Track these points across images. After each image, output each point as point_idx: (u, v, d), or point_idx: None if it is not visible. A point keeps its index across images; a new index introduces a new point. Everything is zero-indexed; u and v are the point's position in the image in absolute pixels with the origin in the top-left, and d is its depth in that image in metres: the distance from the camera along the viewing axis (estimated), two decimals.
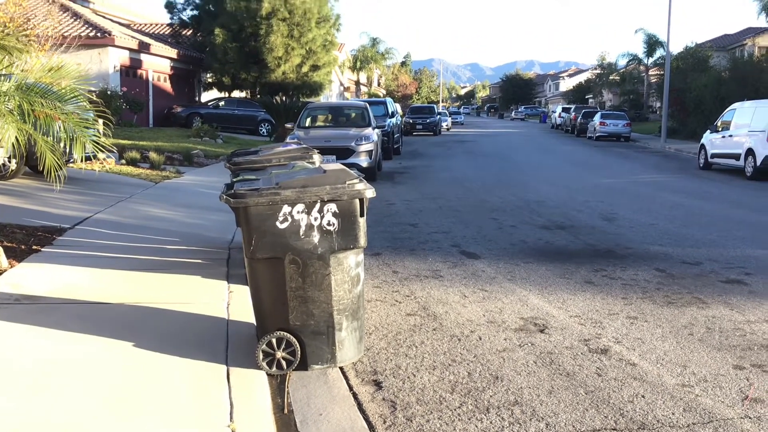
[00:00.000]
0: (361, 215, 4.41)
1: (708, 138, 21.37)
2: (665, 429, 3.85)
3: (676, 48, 45.42)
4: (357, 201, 4.38)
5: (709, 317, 5.91)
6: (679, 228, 10.42)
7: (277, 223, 4.27)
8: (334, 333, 4.43)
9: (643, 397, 4.25)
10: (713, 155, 20.85)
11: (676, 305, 6.25)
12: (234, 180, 5.32)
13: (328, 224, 4.33)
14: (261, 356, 4.35)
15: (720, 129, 20.72)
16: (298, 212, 4.28)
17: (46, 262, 6.58)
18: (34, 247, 7.04)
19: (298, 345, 4.37)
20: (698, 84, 35.66)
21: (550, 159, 25.11)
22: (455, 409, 4.06)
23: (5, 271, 6.11)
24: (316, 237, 4.33)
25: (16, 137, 6.18)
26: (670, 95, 35.03)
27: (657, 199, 14.08)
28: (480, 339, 5.29)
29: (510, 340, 5.28)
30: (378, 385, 4.43)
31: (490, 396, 4.24)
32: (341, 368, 4.62)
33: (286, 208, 4.27)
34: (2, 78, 6.02)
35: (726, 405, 4.16)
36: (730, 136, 19.82)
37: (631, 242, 9.12)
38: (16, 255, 6.62)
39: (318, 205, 4.31)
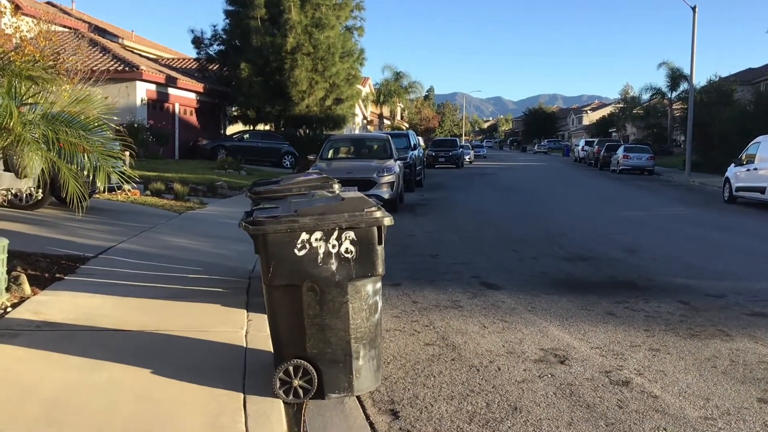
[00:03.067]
0: (380, 243, 4.41)
1: (732, 171, 21.20)
2: None
3: (699, 81, 45.26)
4: (375, 229, 4.38)
5: (733, 350, 5.81)
6: (703, 261, 10.30)
7: (295, 251, 4.28)
8: (352, 361, 4.41)
9: (664, 429, 4.18)
10: (738, 188, 20.65)
11: (699, 338, 6.16)
12: (254, 208, 5.36)
13: (346, 252, 4.34)
14: (278, 384, 4.34)
15: (744, 162, 20.55)
16: (316, 240, 4.30)
17: (69, 289, 6.64)
18: (58, 275, 7.11)
19: (315, 373, 4.36)
20: (723, 117, 35.47)
21: (572, 192, 25.01)
22: None
23: (28, 298, 6.17)
24: (333, 264, 4.33)
25: (41, 167, 6.31)
26: (695, 129, 34.85)
27: (680, 231, 13.94)
28: (499, 369, 5.24)
29: (529, 371, 5.23)
30: (395, 414, 4.39)
31: (509, 427, 4.19)
32: (358, 397, 4.59)
33: (304, 236, 4.29)
34: (29, 107, 6.16)
35: None
36: (755, 169, 19.65)
37: (653, 274, 9.02)
38: (40, 283, 6.69)
39: (336, 233, 4.32)
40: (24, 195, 10.81)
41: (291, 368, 4.35)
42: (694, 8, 33.77)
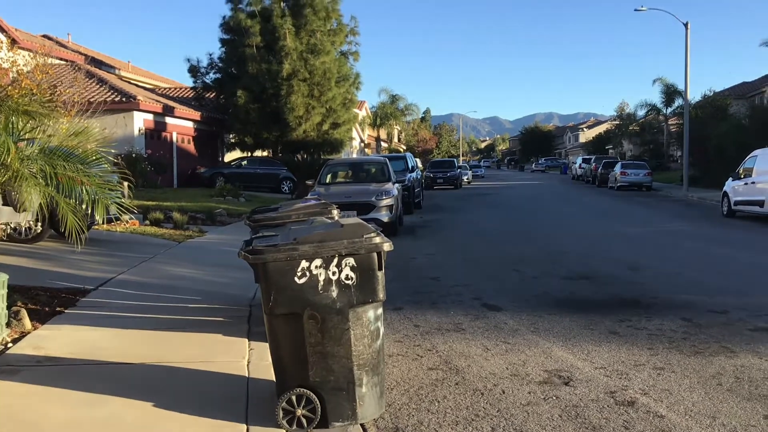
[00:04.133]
0: (380, 269, 4.40)
1: (730, 185, 21.22)
2: None
3: (694, 96, 45.59)
4: (375, 254, 4.37)
5: (738, 366, 5.78)
6: (705, 276, 10.28)
7: (296, 279, 4.27)
8: (355, 389, 4.38)
9: None
10: (736, 202, 20.66)
11: (703, 355, 6.13)
12: (253, 236, 5.35)
13: (347, 278, 4.33)
14: (281, 414, 4.30)
15: (742, 176, 20.57)
16: (316, 267, 4.29)
17: (69, 323, 6.62)
18: (58, 308, 7.08)
19: (318, 402, 4.32)
20: (718, 132, 35.57)
21: (571, 209, 25.02)
22: None
23: (29, 333, 6.15)
24: (334, 291, 4.32)
25: (40, 201, 6.31)
26: (691, 144, 34.94)
27: (681, 247, 13.93)
28: (503, 393, 5.21)
29: (534, 393, 5.19)
30: None
31: None
32: (362, 425, 4.55)
33: (304, 263, 4.28)
34: (27, 142, 6.17)
35: None
36: (753, 182, 19.67)
37: (655, 291, 9.00)
38: (40, 317, 6.66)
39: (336, 260, 4.31)
40: (23, 228, 10.81)
41: (294, 397, 4.32)
42: (686, 24, 34.02)
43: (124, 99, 26.48)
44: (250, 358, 5.73)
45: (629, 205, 27.02)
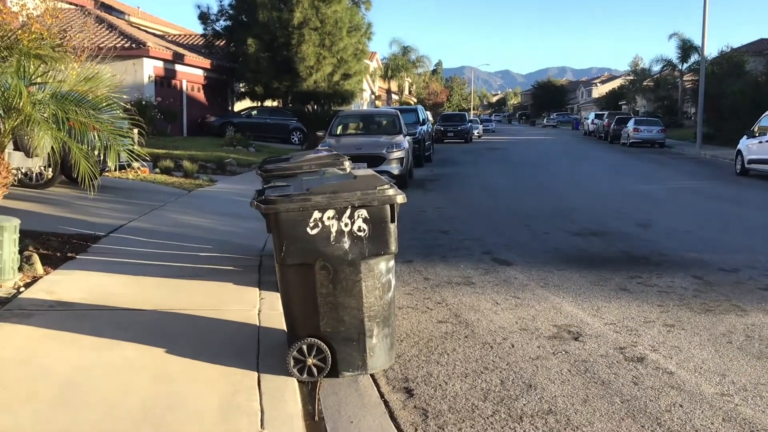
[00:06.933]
0: (392, 221, 4.37)
1: (744, 144, 20.99)
2: None
3: (711, 53, 44.91)
4: (388, 207, 4.34)
5: (749, 325, 5.77)
6: (716, 235, 10.24)
7: (308, 229, 4.26)
8: (365, 340, 4.39)
9: (681, 406, 4.16)
10: (750, 161, 20.46)
11: (714, 313, 6.12)
12: (265, 186, 5.33)
13: (359, 230, 4.31)
14: (292, 363, 4.33)
15: (757, 134, 20.32)
16: (328, 218, 4.27)
17: (81, 269, 6.65)
18: (69, 254, 7.11)
19: (328, 352, 4.35)
20: (734, 89, 35.07)
21: (583, 166, 24.86)
22: (488, 418, 4.00)
23: (41, 277, 6.18)
24: (346, 243, 4.30)
25: (51, 146, 6.28)
26: (705, 101, 34.49)
27: (693, 205, 13.85)
28: (513, 346, 5.23)
29: (543, 347, 5.21)
30: (409, 392, 4.39)
31: (524, 404, 4.18)
32: (372, 375, 4.58)
33: (316, 214, 4.25)
34: (38, 87, 6.11)
35: (767, 414, 4.05)
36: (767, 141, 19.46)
37: (666, 249, 8.96)
38: (52, 262, 6.69)
39: (348, 211, 4.29)
40: (34, 174, 10.81)
41: (305, 347, 4.34)
42: None
43: (134, 45, 26.25)
44: (260, 308, 5.76)
45: (641, 162, 26.80)
